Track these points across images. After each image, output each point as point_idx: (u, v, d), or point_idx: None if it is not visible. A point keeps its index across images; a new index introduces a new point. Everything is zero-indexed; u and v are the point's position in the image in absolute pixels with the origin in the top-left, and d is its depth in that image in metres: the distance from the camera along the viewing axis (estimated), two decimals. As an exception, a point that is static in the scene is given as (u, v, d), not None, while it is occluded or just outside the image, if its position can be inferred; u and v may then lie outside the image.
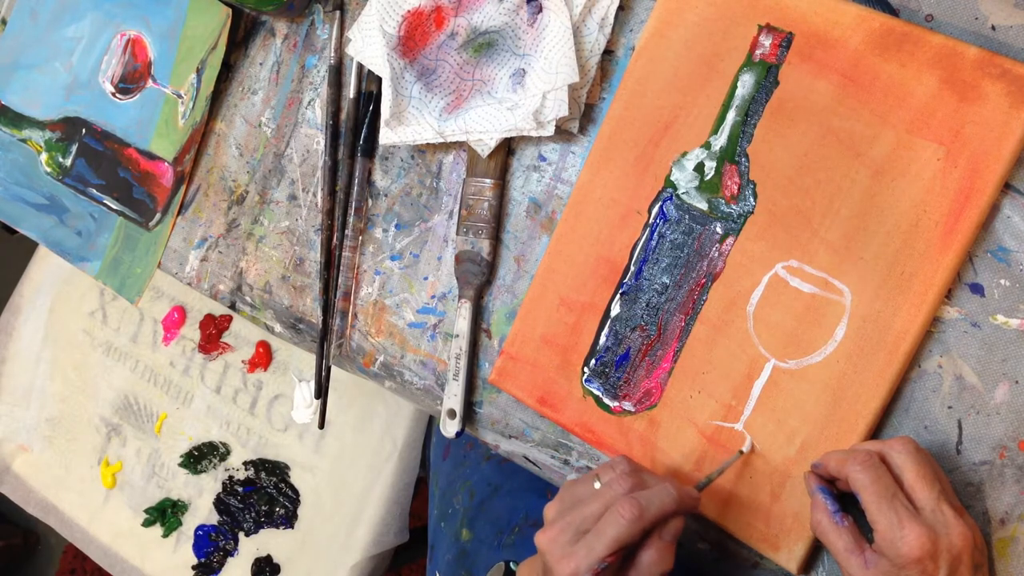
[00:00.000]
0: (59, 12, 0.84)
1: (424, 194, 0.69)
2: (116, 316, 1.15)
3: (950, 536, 0.46)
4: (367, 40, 0.66)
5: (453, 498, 0.86)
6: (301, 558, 1.02)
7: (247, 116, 0.76)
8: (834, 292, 0.54)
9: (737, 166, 0.57)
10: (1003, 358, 0.51)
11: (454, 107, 0.65)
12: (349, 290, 0.71)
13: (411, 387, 0.69)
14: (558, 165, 0.64)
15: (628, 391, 0.60)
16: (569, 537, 0.50)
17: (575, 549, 0.49)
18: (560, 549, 0.50)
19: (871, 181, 0.53)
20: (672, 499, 0.50)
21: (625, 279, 0.60)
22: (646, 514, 0.49)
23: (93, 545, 1.12)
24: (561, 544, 0.50)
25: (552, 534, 0.50)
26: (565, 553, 0.49)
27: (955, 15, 0.53)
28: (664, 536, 0.50)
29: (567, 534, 0.50)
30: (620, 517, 0.49)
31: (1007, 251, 0.51)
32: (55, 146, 0.84)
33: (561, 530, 0.50)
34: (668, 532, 0.51)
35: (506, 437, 0.66)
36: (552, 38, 0.61)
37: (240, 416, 1.07)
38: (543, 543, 0.51)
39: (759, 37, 0.57)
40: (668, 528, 0.51)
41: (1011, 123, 0.50)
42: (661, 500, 0.50)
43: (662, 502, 0.50)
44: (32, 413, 1.17)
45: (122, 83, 0.80)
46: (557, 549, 0.50)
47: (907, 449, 0.48)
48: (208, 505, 1.07)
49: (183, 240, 0.79)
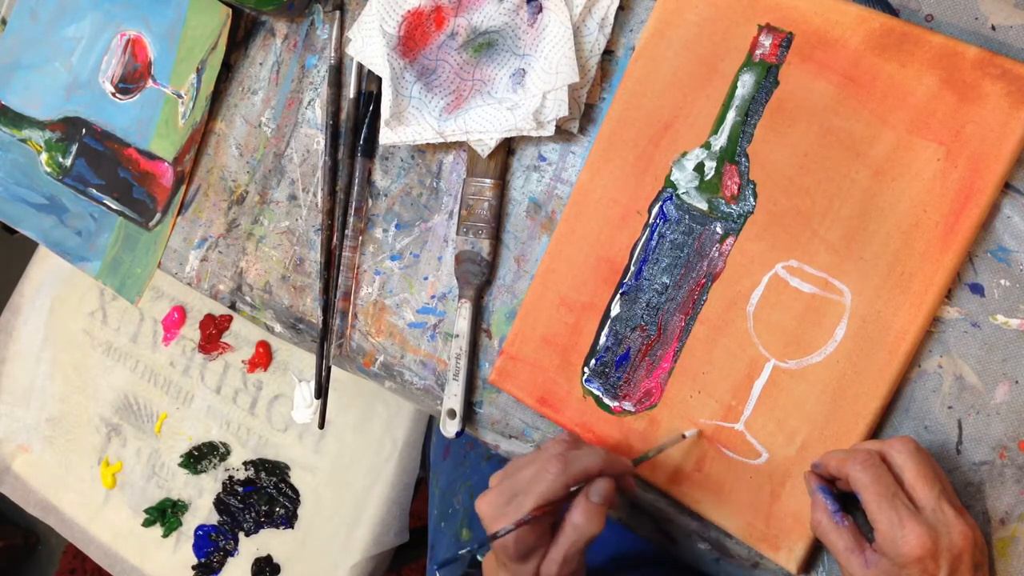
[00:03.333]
0: (59, 12, 0.84)
1: (424, 194, 0.69)
2: (116, 316, 1.15)
3: (951, 535, 0.46)
4: (367, 40, 0.66)
5: (453, 498, 0.86)
6: (301, 558, 1.02)
7: (247, 116, 0.76)
8: (834, 292, 0.54)
9: (737, 166, 0.57)
10: (1003, 358, 0.51)
11: (454, 107, 0.65)
12: (349, 290, 0.71)
13: (411, 387, 0.69)
14: (558, 165, 0.64)
15: (628, 391, 0.60)
16: (504, 499, 0.52)
17: (507, 509, 0.51)
18: (495, 510, 0.52)
19: (871, 181, 0.53)
20: (599, 458, 0.52)
21: (625, 279, 0.60)
22: (569, 469, 0.51)
23: (93, 545, 1.12)
24: (496, 506, 0.52)
25: (489, 497, 0.53)
26: (498, 514, 0.52)
27: (955, 15, 0.53)
28: (592, 497, 0.52)
29: (502, 496, 0.52)
30: (546, 472, 0.51)
31: (1007, 251, 0.51)
32: (55, 146, 0.84)
33: (498, 494, 0.52)
34: (596, 493, 0.52)
35: (506, 437, 0.66)
36: (552, 38, 0.61)
37: (240, 416, 1.07)
38: (482, 507, 0.53)
39: (759, 37, 0.57)
40: (595, 489, 0.52)
41: (1011, 123, 0.50)
42: (589, 459, 0.52)
43: (589, 460, 0.52)
44: (32, 413, 1.17)
45: (122, 83, 0.81)
46: (492, 510, 0.52)
47: (907, 449, 0.48)
48: (208, 505, 1.07)
49: (183, 240, 0.79)
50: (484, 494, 0.53)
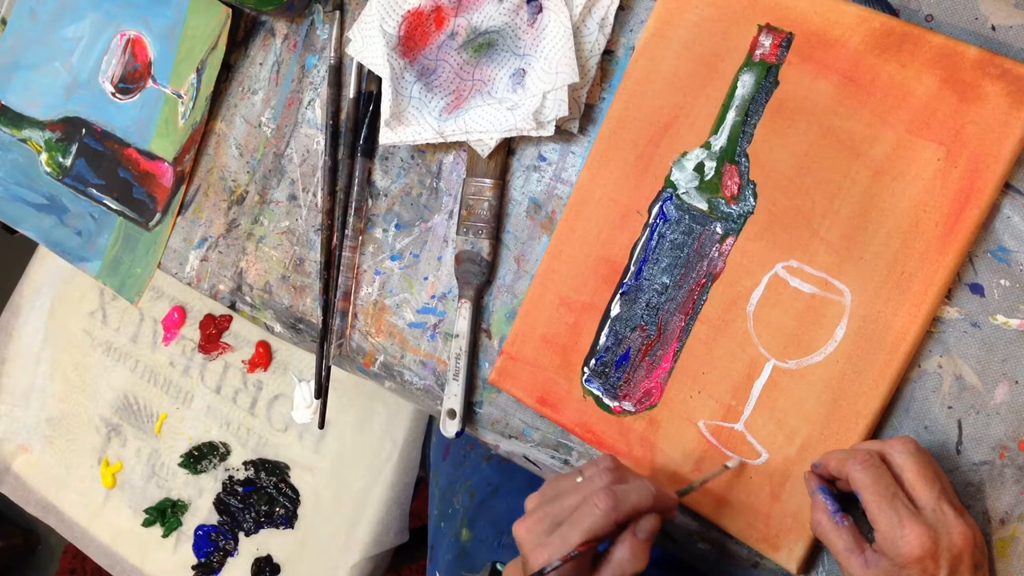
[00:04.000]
0: (59, 12, 0.84)
1: (424, 194, 0.69)
2: (116, 316, 1.15)
3: (951, 535, 0.46)
4: (367, 40, 0.66)
5: (453, 498, 0.86)
6: (301, 558, 1.02)
7: (247, 116, 0.76)
8: (834, 292, 0.54)
9: (737, 166, 0.57)
10: (1003, 358, 0.51)
11: (454, 107, 0.65)
12: (349, 290, 0.71)
13: (411, 387, 0.69)
14: (558, 165, 0.64)
15: (628, 391, 0.60)
16: (545, 527, 0.50)
17: (550, 539, 0.50)
18: (535, 539, 0.50)
19: (871, 181, 0.53)
20: (649, 495, 0.51)
21: (625, 279, 0.60)
22: (620, 506, 0.49)
23: (93, 545, 1.12)
24: (537, 534, 0.50)
25: (529, 524, 0.51)
26: (540, 543, 0.50)
27: (955, 15, 0.53)
28: (638, 534, 0.50)
29: (544, 524, 0.50)
30: (595, 508, 0.49)
31: (1007, 251, 0.51)
32: (55, 146, 0.84)
33: (538, 520, 0.51)
34: (643, 530, 0.51)
35: (506, 437, 0.66)
36: (552, 38, 0.61)
37: (240, 416, 1.07)
38: (520, 533, 0.51)
39: (759, 37, 0.57)
40: (643, 526, 0.51)
41: (1011, 123, 0.50)
42: (638, 495, 0.50)
43: (639, 497, 0.50)
44: (32, 413, 1.17)
45: (122, 83, 0.81)
46: (533, 539, 0.50)
47: (907, 449, 0.48)
48: (208, 505, 1.07)
49: (183, 240, 0.79)
50: (523, 519, 0.51)
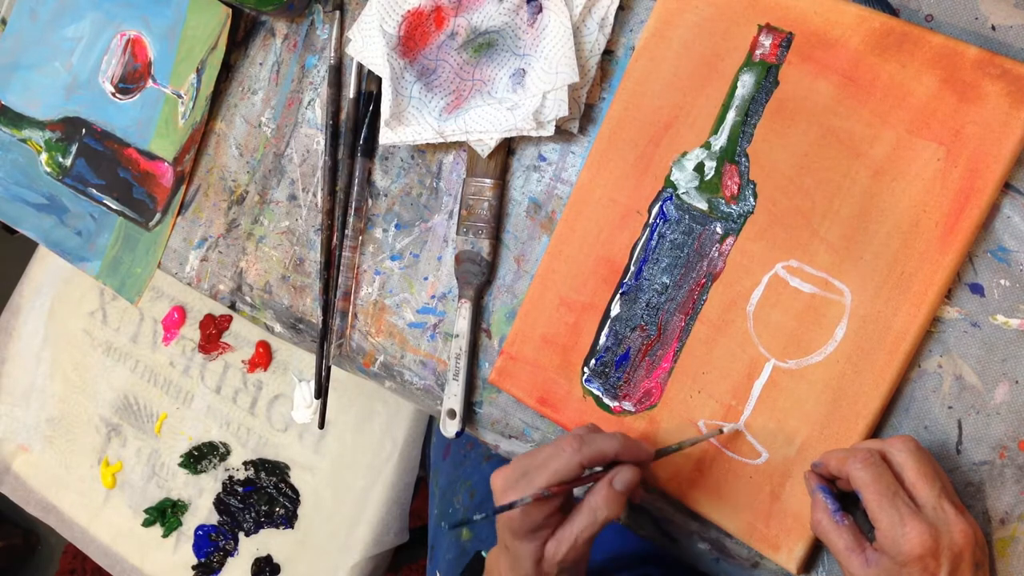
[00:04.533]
0: (59, 12, 0.84)
1: (424, 194, 0.69)
2: (116, 316, 1.15)
3: (952, 534, 0.46)
4: (367, 40, 0.66)
5: (453, 498, 0.86)
6: (301, 558, 1.02)
7: (247, 116, 0.76)
8: (834, 292, 0.54)
9: (737, 166, 0.57)
10: (1003, 358, 0.51)
11: (454, 107, 0.65)
12: (349, 290, 0.71)
13: (411, 387, 0.69)
14: (558, 165, 0.64)
15: (628, 391, 0.60)
16: (518, 474, 0.53)
17: (519, 483, 0.52)
18: (506, 483, 0.53)
19: (871, 181, 0.53)
20: (616, 442, 0.52)
21: (625, 279, 0.60)
22: (585, 449, 0.51)
23: (93, 545, 1.12)
24: (509, 479, 0.53)
25: (504, 472, 0.53)
26: (510, 486, 0.52)
27: (955, 15, 0.53)
28: (615, 484, 0.52)
29: (517, 471, 0.53)
30: (562, 451, 0.51)
31: (1007, 251, 0.51)
32: (55, 146, 0.84)
33: (513, 468, 0.53)
34: (620, 481, 0.52)
35: (506, 437, 0.66)
36: (552, 38, 0.61)
37: (240, 416, 1.07)
38: (495, 479, 0.53)
39: (759, 37, 0.57)
40: (620, 477, 0.52)
41: (1011, 123, 0.50)
42: (605, 441, 0.52)
43: (605, 443, 0.52)
44: (32, 413, 1.17)
45: (122, 83, 0.81)
46: (504, 483, 0.53)
47: (908, 447, 0.48)
48: (208, 505, 1.07)
49: (183, 240, 0.79)
50: (500, 468, 0.54)
